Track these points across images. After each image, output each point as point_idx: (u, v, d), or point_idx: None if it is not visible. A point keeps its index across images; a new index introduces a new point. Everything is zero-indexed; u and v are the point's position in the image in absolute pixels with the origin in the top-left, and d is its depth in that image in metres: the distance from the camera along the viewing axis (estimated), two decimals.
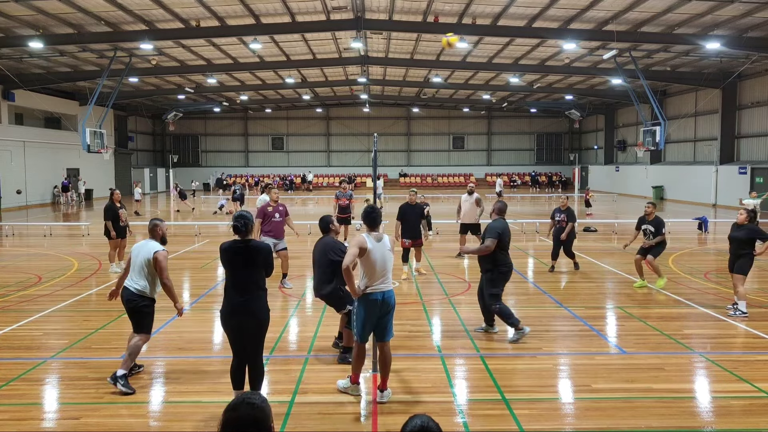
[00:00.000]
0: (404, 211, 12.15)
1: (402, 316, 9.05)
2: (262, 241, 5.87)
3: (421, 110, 52.44)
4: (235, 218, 5.51)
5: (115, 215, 12.43)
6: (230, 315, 5.41)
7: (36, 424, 5.46)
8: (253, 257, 5.42)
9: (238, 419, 2.51)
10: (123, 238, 12.76)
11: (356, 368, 5.95)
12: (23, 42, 22.41)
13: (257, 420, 2.54)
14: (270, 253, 5.60)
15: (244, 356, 5.49)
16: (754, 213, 9.12)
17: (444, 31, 24.26)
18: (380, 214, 5.98)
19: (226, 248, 5.50)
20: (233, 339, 5.49)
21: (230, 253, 5.46)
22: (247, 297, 5.37)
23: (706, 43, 22.00)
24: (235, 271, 5.43)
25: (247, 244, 5.45)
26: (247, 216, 5.54)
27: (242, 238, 5.48)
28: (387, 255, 5.78)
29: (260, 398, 2.61)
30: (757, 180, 28.48)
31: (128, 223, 12.97)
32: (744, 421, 5.40)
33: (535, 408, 5.65)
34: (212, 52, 28.35)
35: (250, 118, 53.88)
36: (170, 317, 8.85)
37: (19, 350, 7.51)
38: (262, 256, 5.47)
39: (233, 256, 5.44)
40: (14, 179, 30.59)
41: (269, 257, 5.56)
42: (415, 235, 12.08)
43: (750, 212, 8.95)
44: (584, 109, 43.63)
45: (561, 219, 12.77)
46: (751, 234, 8.80)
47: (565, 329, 8.39)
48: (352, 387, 5.98)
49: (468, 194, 14.06)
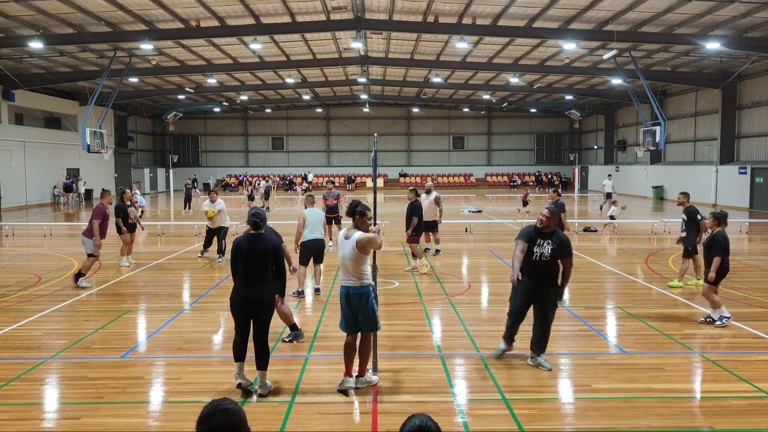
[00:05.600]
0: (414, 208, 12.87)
1: (402, 316, 9.06)
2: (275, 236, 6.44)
3: (421, 110, 52.43)
4: (252, 214, 6.03)
5: (124, 213, 13.33)
6: (240, 303, 5.94)
7: (36, 424, 5.45)
8: (266, 246, 5.94)
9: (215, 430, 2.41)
10: (132, 233, 13.65)
11: (344, 360, 6.12)
12: (23, 42, 22.40)
13: (234, 424, 2.43)
14: (280, 246, 6.12)
15: (246, 334, 6.01)
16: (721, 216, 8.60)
17: (444, 31, 24.34)
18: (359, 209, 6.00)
19: (242, 240, 6.01)
20: (240, 319, 6.01)
21: (245, 243, 5.97)
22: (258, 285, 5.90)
23: (706, 43, 22.00)
24: (247, 261, 5.91)
25: (259, 236, 5.99)
26: (261, 212, 6.09)
27: (256, 232, 6.00)
28: (348, 252, 5.93)
29: (232, 403, 2.50)
30: (757, 180, 28.48)
31: (138, 221, 14.11)
32: (744, 421, 5.40)
33: (535, 408, 5.65)
34: (212, 52, 28.35)
35: (250, 118, 53.88)
36: (170, 317, 8.86)
37: (19, 350, 7.51)
38: (273, 248, 5.97)
39: (247, 245, 5.95)
40: (14, 179, 30.60)
41: (280, 249, 6.06)
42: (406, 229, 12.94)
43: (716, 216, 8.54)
44: (584, 109, 43.62)
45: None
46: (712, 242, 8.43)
47: (565, 329, 8.38)
48: (345, 380, 6.07)
49: (426, 193, 14.42)
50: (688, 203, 10.96)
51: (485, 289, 11.32)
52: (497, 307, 10.02)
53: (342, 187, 46.79)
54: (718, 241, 8.31)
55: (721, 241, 8.29)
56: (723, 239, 8.32)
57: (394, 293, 10.62)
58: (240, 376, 6.00)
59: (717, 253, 8.24)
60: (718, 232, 8.40)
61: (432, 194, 14.39)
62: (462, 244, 17.14)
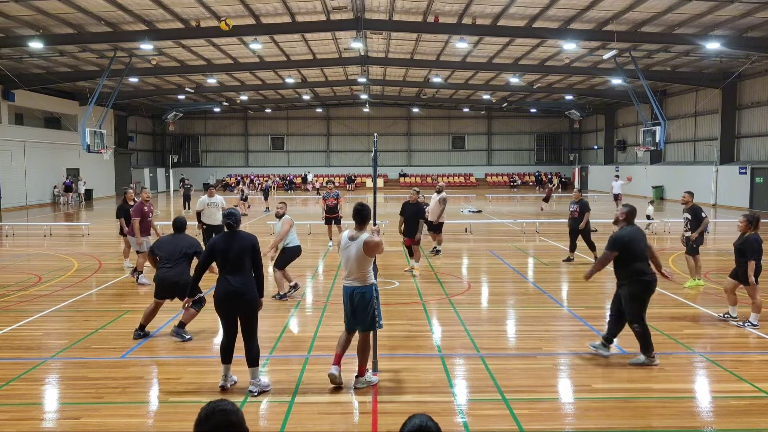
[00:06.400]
0: (404, 208, 12.68)
1: (402, 316, 9.06)
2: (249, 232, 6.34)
3: (421, 110, 52.43)
4: (225, 216, 6.13)
5: (127, 214, 12.67)
6: (223, 300, 5.93)
7: (36, 424, 5.45)
8: (242, 244, 5.98)
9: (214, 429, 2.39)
10: None
11: (336, 348, 6.18)
12: (23, 42, 22.40)
13: (233, 424, 2.42)
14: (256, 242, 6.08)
15: (233, 335, 6.01)
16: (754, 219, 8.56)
17: (444, 31, 24.34)
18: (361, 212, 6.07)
19: (217, 240, 6.11)
20: (226, 319, 6.01)
21: (221, 242, 6.03)
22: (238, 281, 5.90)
23: (706, 43, 22.00)
24: (227, 258, 5.94)
25: (235, 234, 6.04)
26: (235, 213, 6.15)
27: (232, 232, 6.07)
28: (353, 254, 5.96)
29: (230, 403, 2.49)
30: (757, 180, 28.48)
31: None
32: (744, 421, 5.40)
33: (535, 408, 5.65)
34: (212, 52, 28.35)
35: (250, 118, 53.88)
36: (170, 317, 8.85)
37: (19, 350, 7.51)
38: (251, 244, 6.00)
39: (223, 245, 6.00)
40: (14, 179, 30.59)
41: (257, 246, 6.05)
42: (409, 233, 12.46)
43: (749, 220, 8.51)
44: (584, 109, 43.61)
45: (574, 210, 13.31)
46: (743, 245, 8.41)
47: (565, 329, 8.39)
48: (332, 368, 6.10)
49: (436, 193, 14.66)
50: (692, 202, 10.96)
51: (485, 289, 11.31)
52: (497, 307, 10.05)
53: (342, 187, 46.78)
54: (751, 243, 8.28)
55: (754, 243, 8.28)
56: (756, 242, 8.29)
57: (394, 293, 10.62)
58: (224, 378, 6.04)
59: (753, 257, 8.20)
60: (751, 235, 8.36)
61: (441, 194, 14.54)
62: (462, 244, 17.13)
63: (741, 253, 8.36)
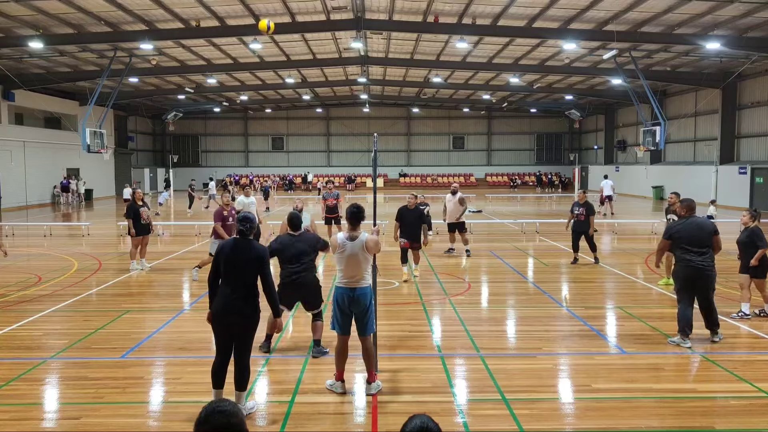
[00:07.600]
0: (402, 214, 12.04)
1: (402, 316, 9.06)
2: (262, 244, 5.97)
3: (421, 110, 52.42)
4: (239, 220, 5.59)
5: (136, 214, 12.55)
6: (222, 312, 5.41)
7: (36, 424, 5.45)
8: (249, 256, 5.46)
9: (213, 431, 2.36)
10: (145, 236, 12.89)
11: (338, 364, 6.03)
12: (23, 42, 22.39)
13: (232, 425, 2.39)
14: (265, 255, 5.60)
15: (227, 356, 5.48)
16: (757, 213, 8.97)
17: (444, 31, 24.34)
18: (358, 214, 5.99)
19: (225, 245, 5.58)
20: (221, 336, 5.49)
21: (228, 249, 5.50)
22: (240, 294, 5.41)
23: (706, 43, 21.99)
24: (232, 267, 5.45)
25: (247, 242, 5.52)
26: (251, 218, 5.60)
27: (244, 239, 5.53)
28: (354, 253, 5.89)
29: (231, 404, 2.46)
30: (757, 180, 28.48)
31: (150, 221, 13.05)
32: (744, 421, 5.40)
33: (535, 408, 5.64)
34: (212, 52, 28.35)
35: (250, 118, 53.87)
36: (170, 317, 8.86)
37: (19, 350, 7.51)
38: (258, 255, 5.49)
39: (230, 252, 5.47)
40: (14, 179, 30.58)
41: (265, 258, 5.56)
42: (412, 237, 11.97)
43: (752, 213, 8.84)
44: (584, 109, 43.60)
45: (580, 213, 13.23)
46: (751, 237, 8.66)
47: (565, 329, 8.39)
48: (337, 384, 6.01)
49: (451, 194, 14.65)
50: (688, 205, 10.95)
51: (485, 289, 11.31)
52: (497, 307, 10.05)
53: (342, 187, 46.77)
54: (757, 234, 8.53)
55: (760, 233, 8.53)
56: (761, 231, 8.57)
57: (394, 293, 10.63)
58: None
59: (762, 244, 8.44)
60: (755, 227, 8.62)
61: (457, 195, 14.55)
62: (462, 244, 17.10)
63: (748, 245, 8.59)
